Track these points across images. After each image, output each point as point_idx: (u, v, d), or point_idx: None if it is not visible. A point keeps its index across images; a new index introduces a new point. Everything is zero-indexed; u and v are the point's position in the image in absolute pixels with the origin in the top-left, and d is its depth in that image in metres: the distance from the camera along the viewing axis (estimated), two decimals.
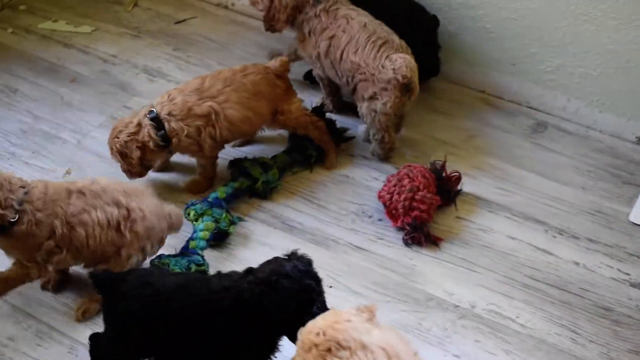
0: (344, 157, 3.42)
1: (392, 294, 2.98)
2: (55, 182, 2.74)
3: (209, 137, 3.11)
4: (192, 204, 3.08)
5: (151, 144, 3.02)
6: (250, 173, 3.22)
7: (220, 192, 3.15)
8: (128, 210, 2.72)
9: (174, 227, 2.89)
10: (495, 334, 2.88)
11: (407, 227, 3.07)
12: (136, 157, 3.05)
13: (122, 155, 3.08)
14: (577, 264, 3.08)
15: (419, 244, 3.10)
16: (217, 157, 3.22)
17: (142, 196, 2.81)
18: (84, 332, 2.85)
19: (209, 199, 3.11)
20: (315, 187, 3.35)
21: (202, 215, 3.05)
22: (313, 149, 3.36)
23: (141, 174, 3.16)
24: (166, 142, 3.05)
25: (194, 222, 3.05)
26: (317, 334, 2.16)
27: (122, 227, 2.71)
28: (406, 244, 3.13)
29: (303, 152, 3.39)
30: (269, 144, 3.49)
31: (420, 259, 3.08)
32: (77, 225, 2.65)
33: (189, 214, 3.06)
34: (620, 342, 2.87)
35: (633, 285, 3.03)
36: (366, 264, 3.07)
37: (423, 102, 3.54)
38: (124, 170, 3.15)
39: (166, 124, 3.02)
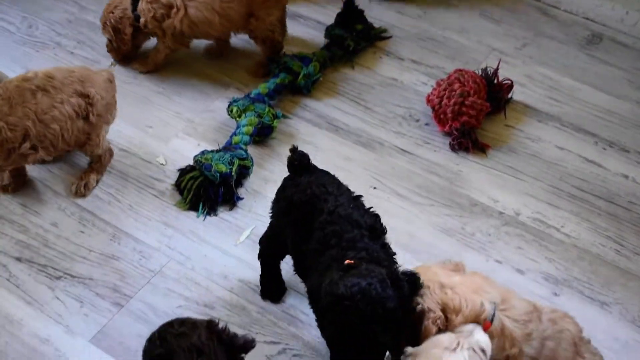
0: (392, 59, 3.41)
1: (436, 198, 3.00)
2: (10, 84, 2.82)
3: (171, 27, 3.19)
4: (235, 101, 3.10)
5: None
6: (290, 67, 3.23)
7: (262, 88, 3.18)
8: (89, 96, 2.83)
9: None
10: (538, 242, 2.90)
11: (455, 132, 3.06)
12: (129, 33, 3.23)
13: (115, 30, 3.24)
14: (626, 177, 3.07)
15: (466, 149, 3.10)
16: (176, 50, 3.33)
17: (91, 78, 2.91)
18: (126, 221, 2.93)
19: (251, 95, 3.13)
20: (363, 89, 3.34)
21: (244, 111, 3.08)
22: (351, 40, 3.38)
23: (129, 53, 3.32)
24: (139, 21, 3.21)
25: (237, 119, 3.07)
26: None
27: (89, 115, 2.83)
28: (453, 149, 3.13)
29: (341, 44, 3.40)
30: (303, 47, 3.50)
31: (466, 165, 3.09)
32: (50, 123, 2.74)
33: (231, 111, 3.09)
34: None
35: None
36: (411, 167, 3.09)
37: (475, 7, 3.48)
38: (111, 49, 3.31)
39: (138, 4, 3.18)
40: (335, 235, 2.35)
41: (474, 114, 3.03)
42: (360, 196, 2.52)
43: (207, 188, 2.95)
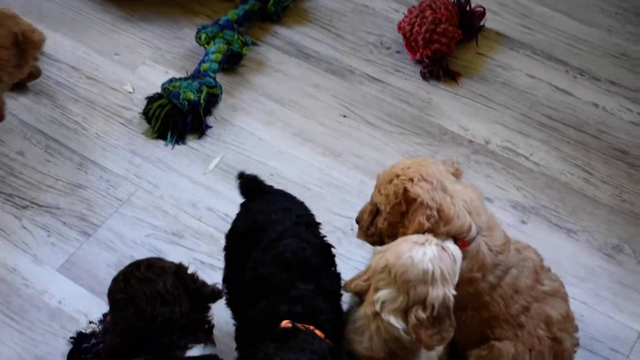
0: None
1: (406, 127, 3.02)
2: None
3: None
4: (203, 28, 3.10)
5: None
6: None
7: (231, 14, 3.16)
8: None
9: (35, 47, 2.91)
10: (507, 170, 2.93)
11: (426, 60, 3.06)
12: None
13: None
14: (596, 105, 3.10)
15: (436, 77, 3.11)
16: None
17: None
18: (93, 149, 2.94)
19: (220, 22, 3.11)
20: (334, 16, 3.34)
21: (213, 38, 3.07)
22: None
23: None
24: None
25: (206, 46, 3.06)
26: (403, 168, 2.20)
27: None
28: (424, 77, 3.14)
29: None
30: None
31: (437, 93, 3.10)
32: None
33: (200, 38, 3.08)
34: (634, 185, 2.92)
35: None
36: (382, 95, 3.10)
37: None
38: None
39: None
40: (264, 282, 2.25)
41: (445, 42, 3.02)
42: (316, 224, 2.44)
43: (175, 116, 2.94)
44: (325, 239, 2.36)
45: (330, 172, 2.92)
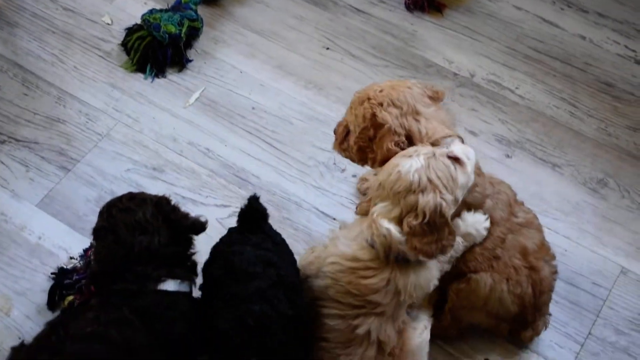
0: None
1: (390, 59, 3.00)
2: None
3: None
4: None
5: None
6: None
7: None
8: None
9: None
10: (492, 103, 2.92)
11: None
12: None
13: None
14: (583, 38, 3.07)
15: (421, 9, 3.08)
16: None
17: None
18: (71, 83, 2.92)
19: None
20: None
21: None
22: None
23: None
24: None
25: None
26: (376, 90, 2.19)
27: None
28: (408, 8, 3.10)
29: None
30: None
31: (422, 25, 3.07)
32: None
33: None
34: (619, 118, 2.91)
35: (638, 62, 3.04)
36: (365, 27, 3.06)
37: None
38: None
39: None
40: (221, 338, 2.19)
41: None
42: (297, 288, 2.31)
43: (155, 49, 2.92)
44: (301, 307, 2.24)
45: (313, 105, 2.90)
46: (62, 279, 2.47)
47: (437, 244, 2.10)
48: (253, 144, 2.80)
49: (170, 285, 2.26)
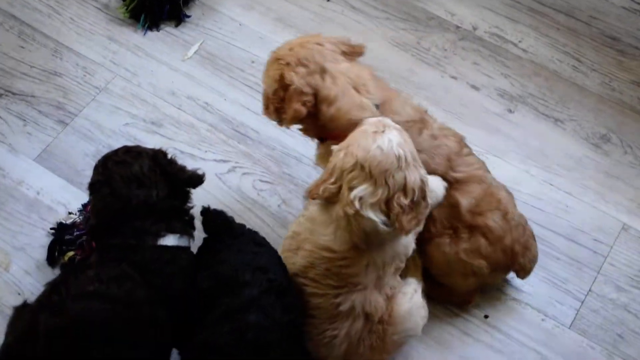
0: None
1: (391, 11, 2.99)
2: None
3: None
4: None
5: None
6: None
7: None
8: None
9: None
10: (495, 57, 2.92)
11: None
12: None
13: None
14: None
15: None
16: None
17: None
18: (67, 35, 2.92)
19: None
20: None
21: None
22: None
23: None
24: None
25: None
26: (284, 50, 2.19)
27: None
28: None
29: None
30: None
31: None
32: None
33: None
34: (624, 73, 2.91)
35: None
36: None
37: None
38: None
39: None
40: (220, 354, 2.16)
41: None
42: (289, 291, 2.28)
43: (152, 2, 2.90)
44: (295, 310, 2.23)
45: None
46: (61, 234, 2.48)
47: (415, 219, 2.09)
48: (253, 98, 2.79)
49: (169, 240, 2.25)
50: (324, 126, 2.26)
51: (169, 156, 2.31)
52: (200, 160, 2.68)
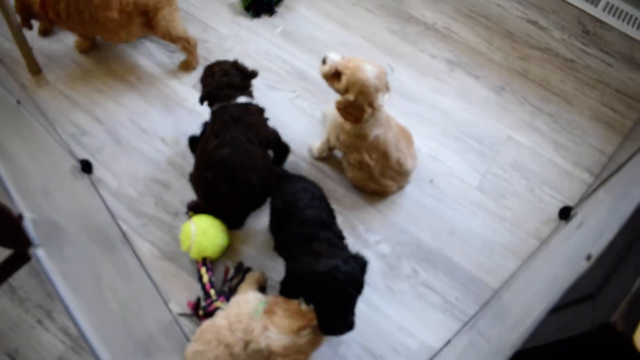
0: None
1: (386, 12, 3.36)
2: None
3: None
4: None
5: None
6: None
7: None
8: None
9: None
10: (445, 40, 3.32)
11: None
12: None
13: None
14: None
15: None
16: None
17: None
18: (210, 19, 3.33)
19: None
20: None
21: None
22: None
23: None
24: None
25: None
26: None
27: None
28: None
29: None
30: None
31: None
32: None
33: None
34: (515, 52, 3.30)
35: (531, 22, 3.41)
36: None
37: None
38: None
39: None
40: (300, 235, 2.29)
41: None
42: (324, 197, 2.51)
43: (257, 2, 3.30)
44: (329, 204, 2.46)
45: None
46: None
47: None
48: (311, 59, 3.21)
49: (243, 99, 2.60)
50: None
51: (239, 62, 2.65)
52: (280, 91, 3.15)
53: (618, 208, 1.74)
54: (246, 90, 2.66)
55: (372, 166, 2.69)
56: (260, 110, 2.62)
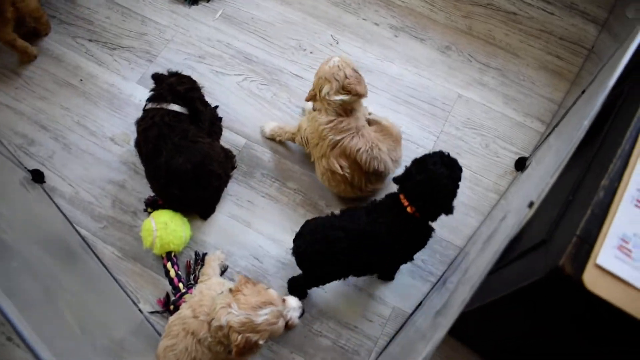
0: None
1: None
2: None
3: None
4: None
5: None
6: None
7: None
8: None
9: None
10: (387, 7, 3.42)
11: None
12: None
13: None
14: None
15: None
16: None
17: None
18: (149, 12, 3.44)
19: None
20: None
21: None
22: None
23: None
24: None
25: None
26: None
27: None
28: None
29: None
30: None
31: None
32: None
33: None
34: (458, 11, 3.40)
35: None
36: None
37: None
38: None
39: None
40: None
41: None
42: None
43: None
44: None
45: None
46: None
47: (364, 87, 2.54)
48: (254, 39, 3.29)
49: (175, 107, 2.68)
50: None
51: (196, 84, 2.77)
52: (226, 75, 3.21)
53: (561, 152, 1.74)
54: (183, 99, 2.72)
55: (347, 176, 2.72)
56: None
